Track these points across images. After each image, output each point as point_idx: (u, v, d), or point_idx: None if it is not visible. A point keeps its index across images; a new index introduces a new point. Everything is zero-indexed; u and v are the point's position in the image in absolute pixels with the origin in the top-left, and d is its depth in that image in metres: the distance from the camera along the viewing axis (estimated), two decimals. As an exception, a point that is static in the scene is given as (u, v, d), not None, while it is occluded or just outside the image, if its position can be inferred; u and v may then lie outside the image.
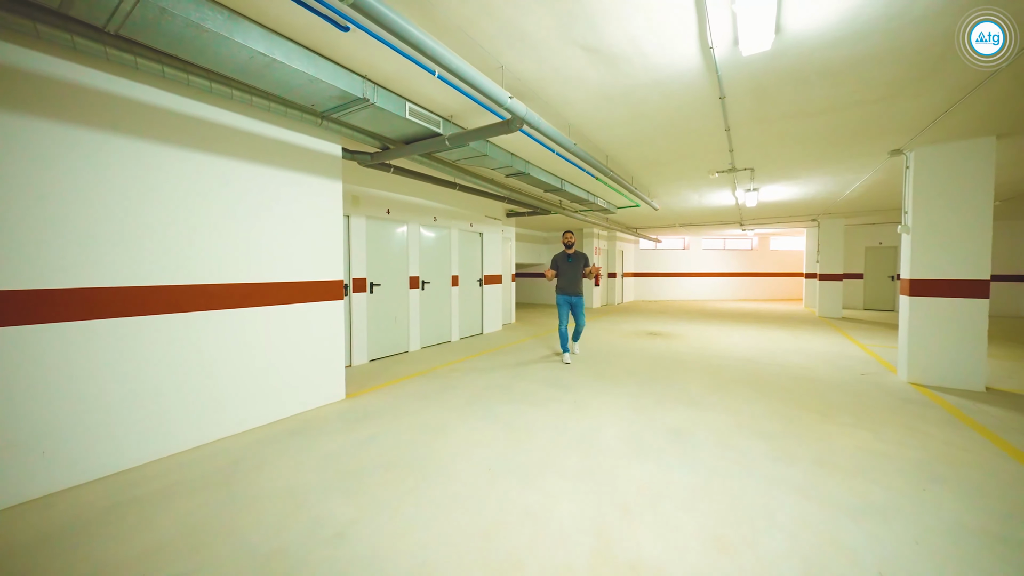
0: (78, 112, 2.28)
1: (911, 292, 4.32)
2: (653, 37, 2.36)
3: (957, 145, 4.08)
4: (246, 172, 3.03)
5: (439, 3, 2.08)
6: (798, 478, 2.31)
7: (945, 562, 1.66)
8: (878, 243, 11.48)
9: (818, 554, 1.71)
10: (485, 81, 2.31)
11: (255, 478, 2.37)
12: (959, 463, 2.48)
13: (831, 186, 6.55)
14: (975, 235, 4.03)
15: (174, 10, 1.90)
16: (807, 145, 4.43)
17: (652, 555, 1.71)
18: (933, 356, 4.18)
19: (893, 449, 2.67)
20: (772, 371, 4.70)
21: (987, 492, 2.17)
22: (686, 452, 2.64)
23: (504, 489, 2.22)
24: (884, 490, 2.19)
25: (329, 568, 1.66)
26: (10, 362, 2.11)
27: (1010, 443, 2.77)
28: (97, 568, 1.67)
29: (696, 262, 15.57)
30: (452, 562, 1.68)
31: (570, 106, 3.34)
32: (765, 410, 3.40)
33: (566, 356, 5.24)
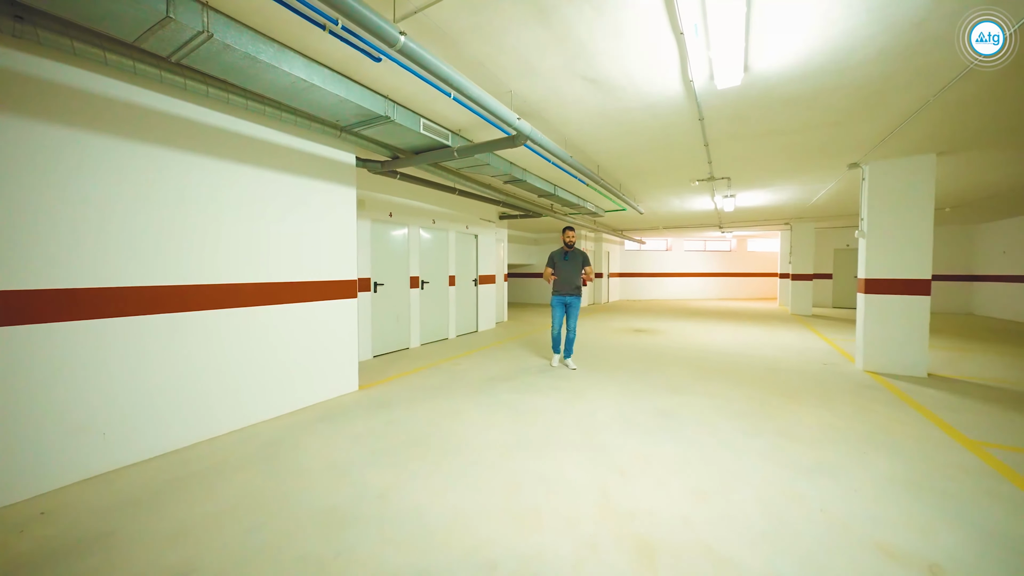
0: (133, 128, 2.54)
1: (866, 290, 4.86)
2: (643, 71, 2.76)
3: (904, 160, 4.64)
4: (272, 180, 3.31)
5: (463, 43, 2.43)
6: (764, 447, 2.74)
7: (874, 502, 2.10)
8: (846, 245, 12.28)
9: (775, 500, 2.13)
10: (499, 106, 2.66)
11: (295, 456, 2.67)
12: (896, 434, 2.96)
13: (800, 193, 7.13)
14: (919, 239, 4.58)
15: (236, 45, 2.19)
16: (777, 158, 4.93)
17: (645, 504, 2.10)
18: (884, 347, 4.73)
19: (844, 424, 3.14)
20: (747, 362, 5.19)
21: (915, 455, 2.64)
22: (671, 429, 3.05)
23: (518, 460, 2.58)
24: (833, 454, 2.64)
25: (379, 518, 1.99)
26: (77, 353, 2.36)
27: (940, 418, 3.27)
28: (180, 524, 1.96)
29: (678, 263, 16.23)
30: (481, 513, 2.03)
31: (568, 124, 3.72)
32: (739, 395, 3.85)
33: (555, 359, 5.03)
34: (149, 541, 1.84)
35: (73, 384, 2.35)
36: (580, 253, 4.92)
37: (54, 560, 1.72)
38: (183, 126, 2.76)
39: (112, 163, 2.46)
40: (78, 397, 2.37)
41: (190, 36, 2.06)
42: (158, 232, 2.66)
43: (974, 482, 2.29)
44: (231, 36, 2.15)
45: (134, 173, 2.54)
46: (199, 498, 2.18)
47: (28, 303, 2.18)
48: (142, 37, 2.08)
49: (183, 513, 2.05)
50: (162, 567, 1.69)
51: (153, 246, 2.65)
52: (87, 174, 2.36)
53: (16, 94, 2.14)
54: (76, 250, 2.34)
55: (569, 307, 4.92)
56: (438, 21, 2.23)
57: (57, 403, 2.29)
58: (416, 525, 1.94)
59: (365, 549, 1.78)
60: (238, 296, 3.10)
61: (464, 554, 1.74)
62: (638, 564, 1.68)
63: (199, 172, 2.85)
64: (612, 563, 1.68)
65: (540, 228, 11.61)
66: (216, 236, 2.96)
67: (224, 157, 2.99)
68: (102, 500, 2.16)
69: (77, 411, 2.36)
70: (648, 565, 1.67)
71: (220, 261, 2.99)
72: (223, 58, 2.29)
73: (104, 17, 1.91)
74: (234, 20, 2.19)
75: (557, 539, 1.83)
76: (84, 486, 2.29)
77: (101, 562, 1.71)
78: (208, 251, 2.92)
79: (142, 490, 2.26)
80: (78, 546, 1.81)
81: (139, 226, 2.58)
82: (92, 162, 2.38)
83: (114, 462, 2.49)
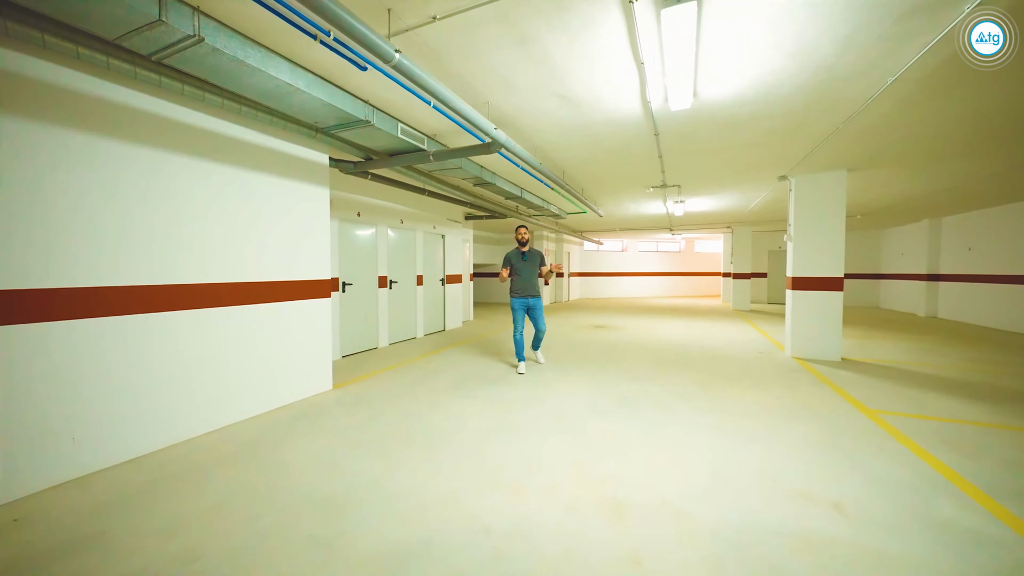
0: (100, 123, 2.48)
1: (793, 287, 5.57)
2: (608, 92, 3.09)
3: (822, 175, 5.37)
4: (246, 179, 3.29)
5: (448, 59, 2.61)
6: (710, 423, 3.17)
7: (797, 461, 2.54)
8: (778, 248, 13.62)
9: (720, 464, 2.52)
10: (479, 118, 2.87)
11: (281, 452, 2.72)
12: (814, 407, 3.51)
13: (740, 200, 7.92)
14: (833, 242, 5.32)
15: (225, 49, 2.24)
16: (720, 170, 5.51)
17: (614, 473, 2.41)
18: (807, 337, 5.45)
19: (775, 401, 3.67)
20: (695, 353, 5.75)
21: (827, 422, 3.17)
22: (632, 412, 3.41)
23: (498, 444, 2.81)
24: (765, 426, 3.11)
25: (376, 501, 2.14)
26: (44, 355, 2.28)
27: (848, 393, 3.90)
28: (175, 518, 2.00)
29: (633, 263, 17.14)
30: (471, 489, 2.24)
31: (538, 133, 4.00)
32: (689, 381, 4.32)
33: (521, 366, 4.64)
34: (145, 536, 1.88)
35: (40, 388, 2.28)
36: (537, 252, 4.75)
37: (44, 561, 1.72)
38: (153, 122, 2.71)
39: (80, 159, 2.39)
40: (44, 401, 2.29)
41: (179, 39, 2.09)
42: (125, 229, 2.60)
43: (868, 441, 2.82)
44: (221, 40, 2.20)
45: (103, 169, 2.48)
46: (188, 495, 2.21)
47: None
48: (125, 36, 2.08)
49: (174, 509, 2.08)
50: (166, 556, 1.75)
51: (117, 244, 2.58)
52: (59, 169, 2.29)
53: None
54: (36, 248, 2.27)
55: (532, 309, 4.71)
56: (427, 39, 2.40)
57: (22, 407, 2.21)
58: (413, 504, 2.12)
59: (368, 527, 1.93)
60: (214, 296, 3.07)
61: (461, 523, 1.95)
62: (611, 520, 1.97)
63: (168, 168, 2.79)
64: (590, 520, 1.96)
65: (505, 229, 11.87)
66: (191, 234, 2.92)
67: (196, 154, 2.95)
68: (82, 503, 2.13)
69: (44, 415, 2.29)
70: (620, 520, 1.97)
71: (193, 261, 2.95)
72: (209, 61, 2.32)
73: (89, 16, 1.91)
74: (224, 25, 2.23)
75: (542, 505, 2.08)
76: (56, 492, 2.23)
77: (99, 559, 1.73)
78: (181, 250, 2.88)
79: (123, 491, 2.25)
80: (69, 547, 1.80)
81: (107, 224, 2.51)
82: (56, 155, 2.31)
83: (85, 467, 2.42)
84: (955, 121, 3.62)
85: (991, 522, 1.93)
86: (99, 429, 2.49)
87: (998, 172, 5.41)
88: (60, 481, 2.32)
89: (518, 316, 4.71)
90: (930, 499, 2.12)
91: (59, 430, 2.35)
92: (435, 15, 2.16)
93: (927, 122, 3.65)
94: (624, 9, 2.11)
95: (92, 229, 2.44)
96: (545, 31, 2.31)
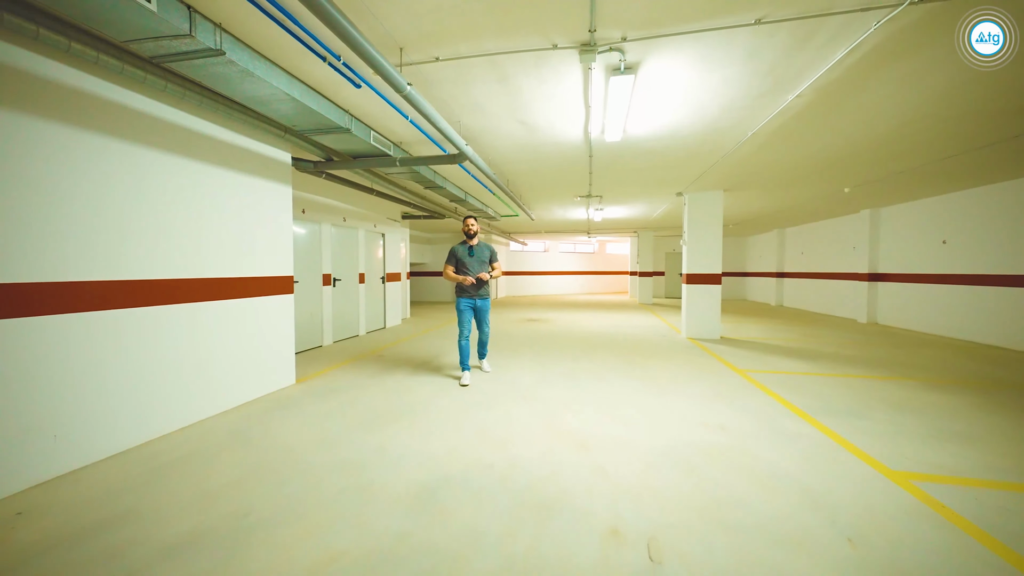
0: (64, 112, 2.45)
1: (687, 282, 6.96)
2: (559, 121, 3.80)
3: (707, 193, 6.82)
4: (218, 176, 3.33)
5: (436, 85, 3.06)
6: (636, 385, 4.07)
7: (697, 404, 3.51)
8: (673, 250, 16.00)
9: (647, 410, 3.38)
10: (456, 137, 3.36)
11: (274, 436, 2.91)
12: (705, 371, 4.66)
13: (646, 209, 9.39)
14: (713, 246, 6.80)
15: (239, 61, 2.42)
16: (634, 185, 6.66)
17: (573, 424, 3.11)
18: (697, 321, 6.87)
19: (678, 368, 4.75)
20: (616, 338, 6.85)
21: (714, 380, 4.29)
22: (576, 383, 4.18)
23: (476, 414, 3.34)
24: (674, 384, 4.10)
25: (389, 460, 2.54)
26: (19, 353, 2.23)
27: (727, 360, 5.18)
28: (202, 492, 2.18)
29: (555, 262, 18.54)
30: (466, 445, 2.75)
31: (494, 148, 4.58)
32: (615, 358, 5.28)
33: (465, 376, 4.10)
34: (180, 508, 2.05)
35: (21, 384, 2.22)
36: (486, 247, 4.23)
37: (76, 540, 1.82)
38: (129, 117, 2.70)
39: (56, 151, 2.36)
40: (26, 399, 2.24)
41: (199, 50, 2.24)
42: (99, 222, 2.59)
43: (740, 389, 3.96)
44: (236, 54, 2.39)
45: (82, 163, 2.46)
46: (204, 475, 2.36)
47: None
48: (136, 41, 2.18)
49: (198, 486, 2.24)
50: (217, 515, 1.97)
51: (94, 237, 2.56)
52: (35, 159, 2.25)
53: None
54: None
55: (479, 311, 4.21)
56: (424, 71, 2.83)
57: (4, 404, 2.15)
58: (420, 457, 2.56)
59: (391, 476, 2.34)
60: (181, 292, 3.08)
61: (468, 465, 2.46)
62: (579, 451, 2.65)
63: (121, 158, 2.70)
64: (564, 453, 2.62)
65: (435, 228, 12.15)
66: (157, 230, 2.92)
67: (169, 150, 2.95)
68: (85, 493, 2.17)
69: (25, 413, 2.24)
70: (585, 450, 2.66)
71: (162, 255, 2.94)
72: (218, 70, 2.47)
73: (110, 21, 2.01)
74: (238, 40, 2.42)
75: (525, 450, 2.68)
76: (49, 486, 2.22)
77: (137, 531, 1.87)
78: (147, 245, 2.88)
79: (129, 479, 2.31)
80: (98, 526, 1.91)
81: (73, 215, 2.49)
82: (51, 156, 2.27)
83: (69, 464, 2.39)
84: (793, 160, 5.07)
85: (809, 428, 3.03)
86: (80, 426, 2.45)
87: (820, 196, 7.42)
88: (51, 476, 2.29)
89: (465, 318, 4.14)
90: (776, 418, 3.20)
91: (41, 428, 2.30)
92: (438, 56, 2.63)
93: (775, 161, 5.06)
94: (584, 71, 2.81)
95: (63, 219, 2.41)
96: (522, 76, 2.92)
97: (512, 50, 2.55)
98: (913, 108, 3.39)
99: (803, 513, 1.97)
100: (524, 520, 1.93)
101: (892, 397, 3.70)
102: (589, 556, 1.69)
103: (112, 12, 1.93)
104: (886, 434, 2.88)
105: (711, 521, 1.91)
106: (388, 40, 2.45)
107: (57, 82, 2.32)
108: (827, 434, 2.90)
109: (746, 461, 2.50)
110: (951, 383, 4.16)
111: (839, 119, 3.65)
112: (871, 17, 2.19)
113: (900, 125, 3.77)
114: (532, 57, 2.64)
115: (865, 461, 2.49)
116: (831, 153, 4.68)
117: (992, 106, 3.34)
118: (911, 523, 1.89)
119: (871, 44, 2.45)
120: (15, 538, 1.81)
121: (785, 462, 2.48)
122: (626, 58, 2.60)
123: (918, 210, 7.68)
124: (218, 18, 2.25)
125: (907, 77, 2.86)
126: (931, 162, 4.96)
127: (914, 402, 3.56)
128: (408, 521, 1.92)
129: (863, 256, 8.85)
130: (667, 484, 2.24)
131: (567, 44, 2.47)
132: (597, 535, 1.82)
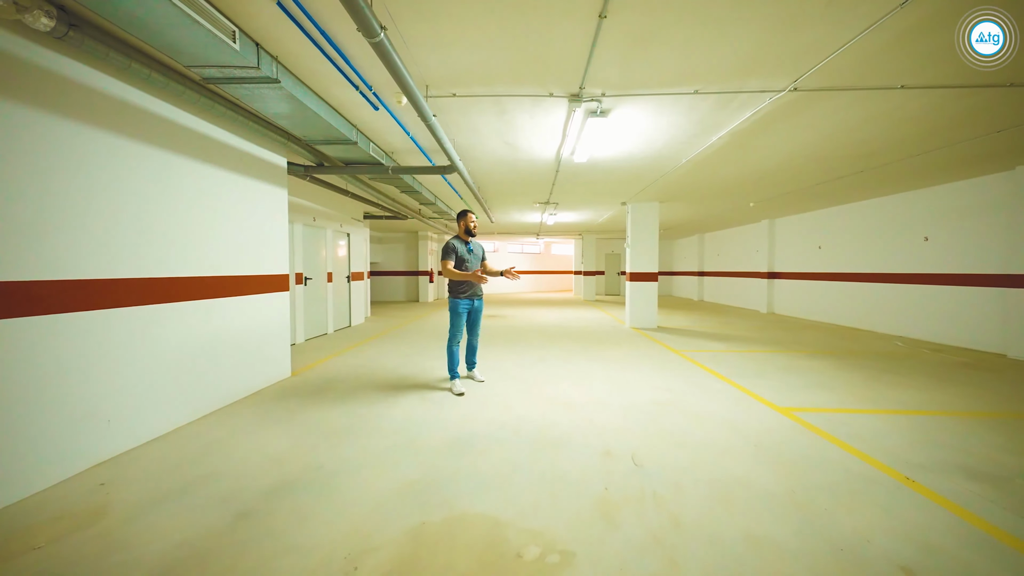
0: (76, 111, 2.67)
1: (630, 280, 8.09)
2: (539, 145, 4.53)
3: (646, 204, 7.99)
4: (224, 179, 3.56)
5: (444, 111, 3.61)
6: (598, 365, 4.93)
7: (646, 376, 4.44)
8: (612, 252, 17.58)
9: (612, 381, 4.22)
10: (455, 154, 3.93)
11: (303, 415, 3.28)
12: (647, 353, 5.68)
13: (592, 216, 10.50)
14: (651, 249, 8.00)
15: (286, 87, 2.80)
16: (587, 195, 7.62)
17: (558, 392, 3.84)
18: (638, 313, 8.03)
19: (627, 351, 5.73)
20: (571, 329, 7.77)
21: (656, 358, 5.30)
22: (549, 365, 4.95)
23: (472, 389, 3.94)
24: (625, 362, 5.03)
25: (417, 423, 3.06)
26: (81, 344, 2.43)
27: (664, 343, 6.29)
28: (258, 461, 2.55)
29: (505, 262, 19.31)
30: (476, 411, 3.35)
31: (477, 161, 5.19)
32: (575, 345, 6.15)
33: (457, 384, 3.76)
34: (257, 466, 2.43)
35: (79, 375, 2.42)
36: (479, 246, 3.96)
37: (183, 493, 2.17)
38: (156, 123, 2.93)
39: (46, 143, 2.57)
40: (83, 387, 2.44)
41: (257, 76, 2.61)
42: (125, 221, 2.81)
43: (676, 363, 4.99)
44: (288, 82, 2.77)
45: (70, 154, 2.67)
46: (250, 449, 2.71)
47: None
48: (201, 67, 2.50)
49: (250, 457, 2.60)
50: (294, 469, 2.39)
51: (140, 239, 2.78)
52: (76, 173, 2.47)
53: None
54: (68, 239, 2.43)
55: (475, 313, 3.85)
56: (440, 102, 3.38)
57: (64, 393, 2.34)
58: (444, 423, 3.13)
59: (427, 434, 2.89)
60: (200, 289, 3.30)
61: (486, 424, 3.08)
62: (569, 410, 3.39)
63: (157, 164, 3.02)
64: (557, 413, 3.34)
65: (390, 228, 12.29)
66: (163, 229, 3.15)
67: (186, 154, 3.18)
68: (155, 466, 2.45)
69: (87, 399, 2.44)
70: (573, 409, 3.40)
71: (162, 256, 3.16)
72: (261, 92, 2.82)
73: (192, 54, 2.33)
74: (285, 68, 2.79)
75: (526, 412, 3.36)
76: (112, 463, 2.46)
77: (232, 483, 2.25)
78: (154, 246, 3.10)
79: (190, 453, 2.60)
80: (194, 483, 2.25)
81: (92, 213, 2.71)
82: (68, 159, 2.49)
83: (122, 446, 2.60)
84: (713, 180, 6.30)
85: (727, 386, 4.06)
86: (127, 412, 2.66)
87: (732, 208, 8.99)
88: (103, 459, 2.50)
89: (459, 321, 3.74)
90: (704, 381, 4.21)
91: (97, 413, 2.50)
92: (455, 93, 3.20)
93: (701, 180, 6.25)
94: (568, 111, 3.56)
95: (92, 220, 2.62)
96: (518, 111, 3.58)
97: (516, 94, 3.21)
98: (794, 149, 4.63)
99: (726, 434, 2.89)
100: (542, 452, 2.61)
101: (782, 364, 4.95)
102: (594, 466, 2.43)
103: (197, 47, 2.27)
104: (778, 387, 4.01)
105: (670, 443, 2.75)
106: (419, 80, 2.98)
107: (114, 96, 2.53)
108: (739, 389, 3.95)
109: (688, 408, 3.42)
110: (821, 353, 5.59)
111: (746, 154, 4.81)
112: (766, 95, 3.20)
113: (786, 159, 5.04)
114: (530, 100, 3.33)
115: (764, 403, 3.53)
116: (741, 176, 5.95)
117: (842, 152, 4.70)
118: (791, 435, 2.89)
119: (767, 110, 3.50)
120: (118, 498, 2.11)
121: (712, 406, 3.44)
122: (602, 106, 3.39)
123: (803, 221, 9.61)
124: (275, 51, 2.63)
125: (789, 130, 4.01)
126: (808, 186, 6.49)
127: (796, 366, 4.83)
128: (456, 460, 2.51)
129: (764, 258, 10.76)
130: (637, 425, 3.06)
131: (560, 94, 3.20)
132: (596, 455, 2.57)
